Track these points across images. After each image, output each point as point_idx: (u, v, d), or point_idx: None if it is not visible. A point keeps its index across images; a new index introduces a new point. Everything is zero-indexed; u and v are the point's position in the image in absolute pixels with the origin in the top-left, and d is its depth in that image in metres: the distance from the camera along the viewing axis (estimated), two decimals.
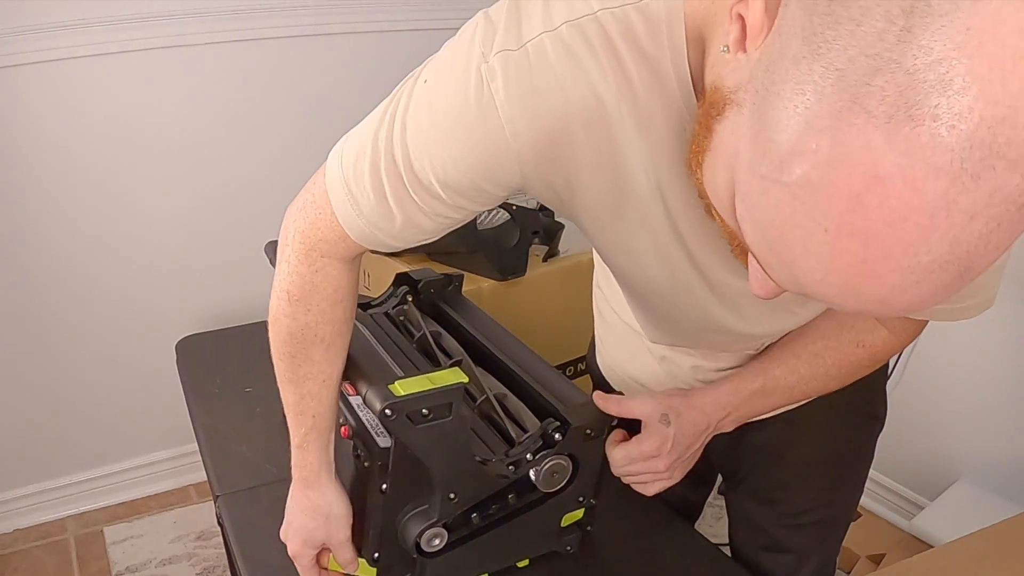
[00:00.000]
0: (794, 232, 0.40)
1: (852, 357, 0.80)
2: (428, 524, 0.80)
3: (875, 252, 0.38)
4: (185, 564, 1.87)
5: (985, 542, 1.10)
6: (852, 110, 0.36)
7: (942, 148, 0.34)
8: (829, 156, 0.37)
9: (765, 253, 0.44)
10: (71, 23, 1.66)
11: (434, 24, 2.04)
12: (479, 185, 0.62)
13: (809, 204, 0.38)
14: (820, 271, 0.40)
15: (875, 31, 0.35)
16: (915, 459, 1.88)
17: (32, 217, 1.77)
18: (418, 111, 0.61)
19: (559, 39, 0.55)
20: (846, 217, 0.37)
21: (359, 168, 0.65)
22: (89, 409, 1.98)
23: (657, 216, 0.64)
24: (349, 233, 0.69)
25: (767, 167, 0.40)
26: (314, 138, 2.00)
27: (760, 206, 0.42)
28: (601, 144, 0.59)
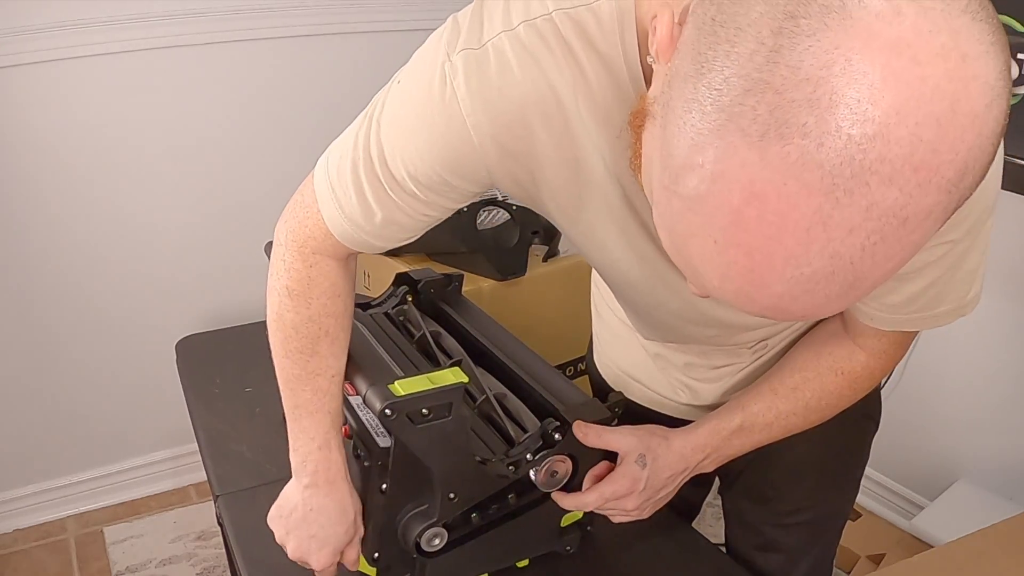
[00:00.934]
0: (692, 241, 0.42)
1: (831, 387, 0.80)
2: (428, 524, 0.80)
3: (759, 263, 0.39)
4: (185, 564, 1.87)
5: (985, 542, 1.10)
6: (728, 128, 0.37)
7: (813, 165, 0.35)
8: (712, 172, 0.38)
9: (676, 257, 0.45)
10: (71, 23, 1.66)
11: (434, 24, 2.02)
12: (447, 180, 0.64)
13: (700, 216, 0.40)
14: (716, 278, 0.42)
15: (747, 52, 0.36)
16: (915, 459, 1.88)
17: (31, 217, 1.77)
18: (391, 109, 0.64)
19: (516, 38, 0.57)
20: (730, 230, 0.39)
21: (341, 169, 0.68)
22: (89, 409, 1.98)
23: (619, 207, 0.66)
24: (333, 232, 0.72)
25: (668, 179, 0.42)
26: (313, 137, 2.00)
27: (666, 215, 0.43)
28: (560, 138, 0.61)
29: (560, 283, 1.93)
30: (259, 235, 1.30)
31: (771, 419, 0.81)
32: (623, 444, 0.82)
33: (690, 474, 0.84)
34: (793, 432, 0.83)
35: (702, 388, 0.92)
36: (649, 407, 0.98)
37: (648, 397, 0.98)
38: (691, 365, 0.91)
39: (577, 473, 0.85)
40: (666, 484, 0.83)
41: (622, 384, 1.01)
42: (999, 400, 1.72)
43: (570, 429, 0.82)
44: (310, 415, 0.80)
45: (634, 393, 0.99)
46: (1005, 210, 1.41)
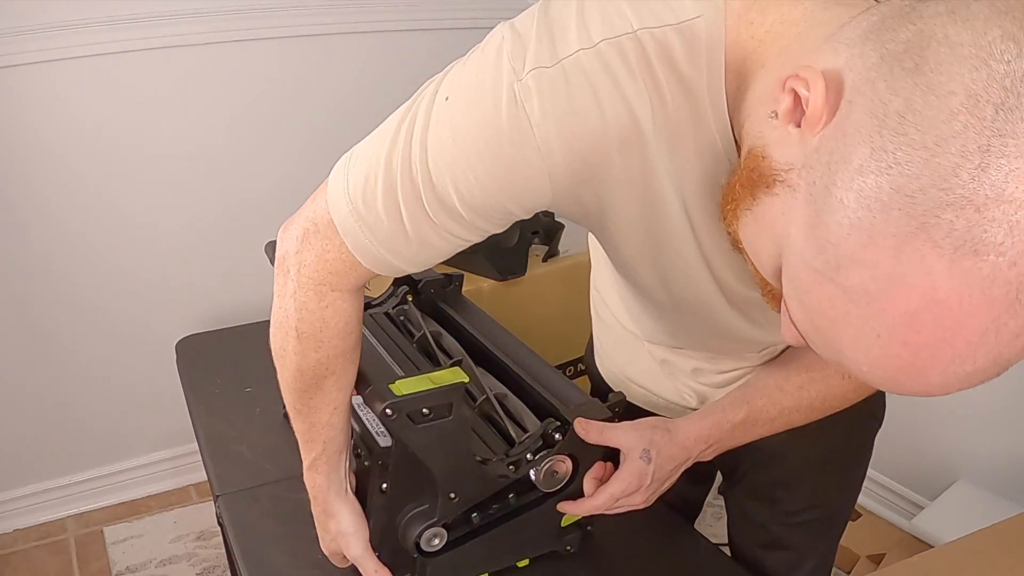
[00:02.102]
0: (845, 328, 0.42)
1: (836, 389, 0.80)
2: (428, 524, 0.80)
3: (923, 360, 0.40)
4: (185, 564, 1.87)
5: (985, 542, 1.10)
6: (919, 237, 0.37)
7: (1001, 281, 0.37)
8: (890, 273, 0.39)
9: (810, 332, 0.46)
10: (71, 23, 1.66)
11: (434, 24, 2.04)
12: (505, 206, 0.60)
13: (864, 309, 0.41)
14: (866, 364, 0.43)
15: (950, 165, 0.36)
16: (915, 459, 1.88)
17: (31, 217, 1.77)
18: (440, 130, 0.58)
19: (598, 57, 0.53)
20: (899, 329, 0.40)
21: (370, 191, 0.62)
22: (89, 409, 1.98)
23: (683, 232, 0.63)
24: (361, 260, 0.66)
25: (822, 264, 0.42)
26: (315, 137, 2.00)
27: (811, 296, 0.44)
28: (634, 163, 0.57)
29: (560, 283, 1.93)
30: (259, 235, 1.30)
31: (774, 415, 0.81)
32: (625, 440, 0.81)
33: (690, 464, 0.84)
34: (794, 426, 0.83)
35: (710, 393, 0.91)
36: (655, 412, 0.96)
37: (654, 403, 0.97)
38: (699, 370, 0.89)
39: (577, 473, 0.85)
40: (670, 475, 0.83)
41: (626, 390, 0.99)
42: (999, 400, 1.72)
43: (570, 429, 0.81)
44: (305, 441, 0.80)
45: (640, 399, 0.97)
46: None
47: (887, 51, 0.40)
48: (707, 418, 0.83)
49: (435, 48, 2.05)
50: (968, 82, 0.37)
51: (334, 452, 0.81)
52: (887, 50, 0.40)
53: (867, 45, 0.42)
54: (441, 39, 2.06)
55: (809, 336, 0.47)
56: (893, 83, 0.39)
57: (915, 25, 0.40)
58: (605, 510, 0.84)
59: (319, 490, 0.82)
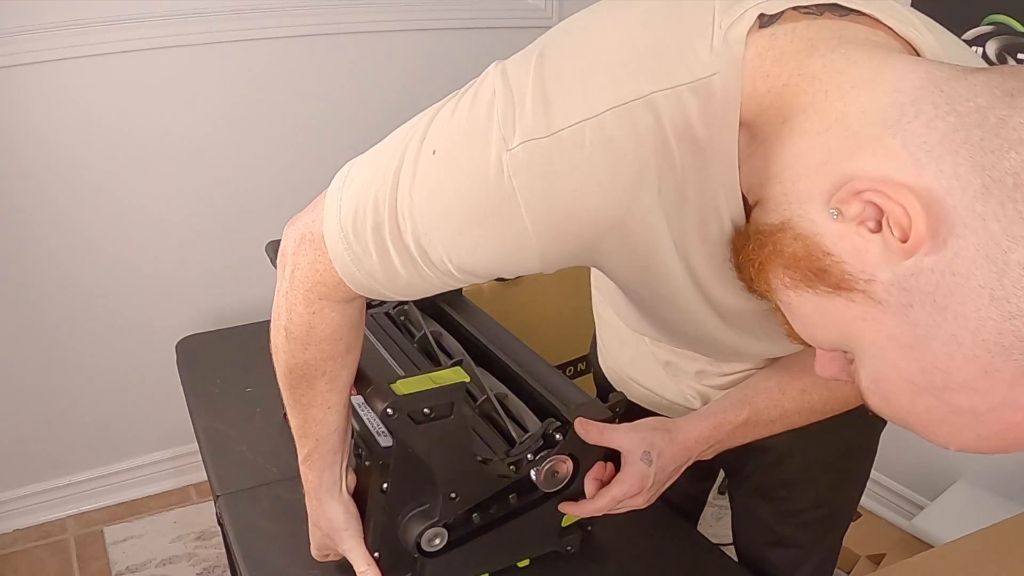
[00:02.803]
0: (941, 427, 0.46)
1: (839, 394, 0.80)
2: (429, 524, 0.80)
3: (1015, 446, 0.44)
4: (185, 564, 1.87)
5: (985, 542, 1.10)
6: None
7: None
8: (1003, 399, 0.42)
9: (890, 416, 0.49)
10: (71, 23, 1.66)
11: (434, 24, 2.04)
12: (493, 272, 0.58)
13: (968, 420, 0.44)
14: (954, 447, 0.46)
15: None
16: (915, 459, 1.88)
17: (31, 217, 1.77)
18: (426, 186, 0.54)
19: (600, 129, 0.48)
20: (1002, 432, 0.43)
21: (359, 225, 0.59)
22: (89, 409, 1.98)
23: (684, 285, 0.61)
24: (348, 284, 0.65)
25: (925, 382, 0.44)
26: (314, 138, 2.00)
27: (904, 400, 0.46)
28: (633, 239, 0.55)
29: (560, 283, 1.93)
30: (259, 235, 1.30)
31: (775, 416, 0.81)
32: (626, 442, 0.81)
33: (692, 462, 0.84)
34: (794, 427, 0.83)
35: (714, 395, 0.90)
36: (657, 412, 0.96)
37: (657, 403, 0.96)
38: (703, 373, 0.89)
39: (578, 473, 0.85)
40: (672, 475, 0.83)
41: (630, 390, 0.98)
42: None
43: (571, 429, 0.81)
44: (299, 436, 0.81)
45: (643, 400, 0.97)
46: None
47: (991, 180, 0.39)
48: (708, 419, 0.83)
49: (434, 48, 2.06)
50: None
51: (327, 451, 0.81)
52: (991, 179, 0.39)
53: (960, 164, 0.40)
54: (440, 39, 2.06)
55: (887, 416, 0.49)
56: (1009, 227, 0.39)
57: (1018, 154, 0.39)
58: (606, 512, 0.84)
59: (311, 485, 0.83)
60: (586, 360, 2.02)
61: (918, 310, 0.42)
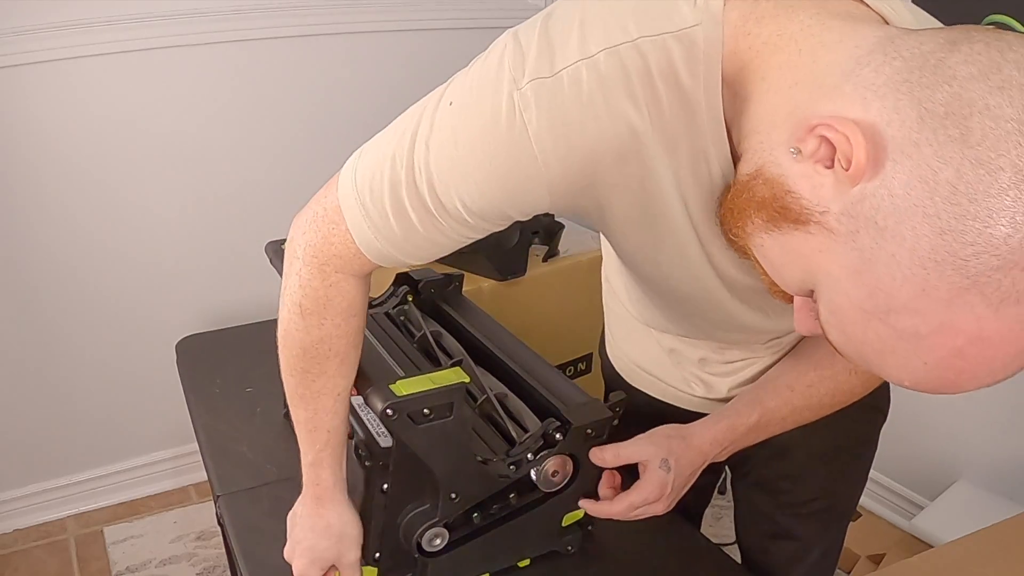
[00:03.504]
0: (891, 356, 0.47)
1: (845, 385, 0.82)
2: (429, 524, 0.80)
3: (964, 378, 0.46)
4: (185, 564, 1.87)
5: (985, 542, 1.09)
6: (970, 291, 0.42)
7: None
8: (941, 319, 0.44)
9: (849, 353, 0.51)
10: (71, 23, 1.66)
11: (434, 24, 2.04)
12: (505, 212, 0.61)
13: (912, 345, 0.46)
14: (908, 382, 0.48)
15: (1001, 235, 0.41)
16: (915, 459, 1.88)
17: (32, 217, 1.77)
18: (443, 135, 0.59)
19: (595, 68, 0.54)
20: (947, 359, 0.45)
21: (376, 188, 0.63)
22: (89, 409, 1.98)
23: (685, 230, 0.64)
24: (364, 252, 0.68)
25: (872, 307, 0.46)
26: (314, 138, 2.00)
27: (856, 329, 0.48)
28: (632, 170, 0.59)
29: (560, 283, 1.93)
30: (259, 235, 1.30)
31: (786, 414, 0.83)
32: (644, 454, 0.82)
33: (707, 464, 0.86)
34: (804, 423, 0.85)
35: (716, 382, 0.93)
36: (663, 400, 0.99)
37: (662, 390, 0.98)
38: (706, 360, 0.91)
39: (578, 473, 0.85)
40: (689, 480, 0.84)
41: (636, 377, 1.01)
42: (999, 400, 1.72)
43: (571, 429, 0.82)
44: (308, 432, 0.79)
45: (648, 386, 1.00)
46: None
47: (926, 111, 0.43)
48: (721, 422, 0.84)
49: (435, 48, 2.06)
50: (1014, 158, 0.40)
51: (337, 444, 0.80)
52: (926, 110, 0.43)
53: (901, 99, 0.44)
54: (441, 39, 2.06)
55: (846, 352, 0.51)
56: (940, 150, 0.42)
57: (951, 87, 0.42)
58: (624, 517, 0.84)
59: (323, 488, 0.81)
60: (586, 360, 2.03)
61: (863, 235, 0.45)
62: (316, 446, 0.80)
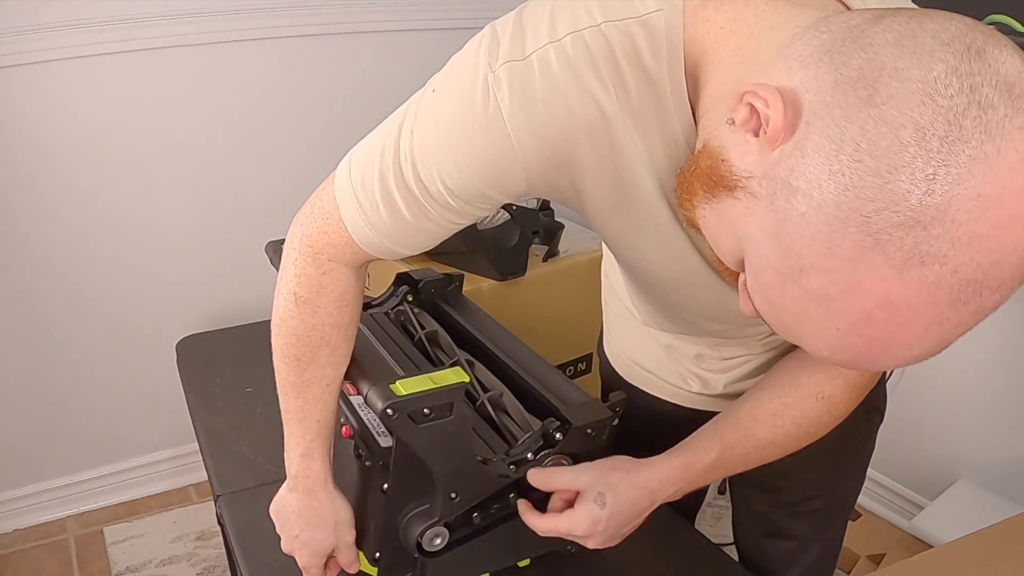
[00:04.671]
0: (807, 322, 0.48)
1: (811, 413, 0.79)
2: (429, 523, 0.80)
3: (877, 348, 0.46)
4: (185, 564, 1.87)
5: (985, 542, 1.10)
6: (874, 250, 0.43)
7: (945, 285, 0.42)
8: (848, 280, 0.44)
9: (772, 320, 0.51)
10: (71, 23, 1.66)
11: (434, 24, 2.05)
12: (484, 192, 0.63)
13: (824, 309, 0.46)
14: (825, 351, 0.49)
15: (901, 191, 0.41)
16: (915, 459, 1.88)
17: (32, 217, 1.77)
18: (425, 120, 0.63)
19: (562, 50, 0.56)
20: (856, 325, 0.45)
21: (368, 179, 0.67)
22: (89, 409, 1.98)
23: (661, 210, 0.65)
24: (357, 242, 0.70)
25: (786, 268, 0.47)
26: (314, 137, 2.01)
27: (775, 292, 0.49)
28: (603, 150, 0.61)
29: (560, 283, 1.93)
30: (259, 235, 1.30)
31: (748, 449, 0.79)
32: (579, 483, 0.79)
33: (656, 505, 0.81)
34: (768, 461, 0.81)
35: (712, 378, 0.93)
36: (659, 396, 0.99)
37: (659, 387, 0.99)
38: (702, 356, 0.91)
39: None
40: (629, 520, 0.80)
41: (632, 374, 1.01)
42: (999, 400, 1.72)
43: (571, 428, 0.82)
44: (298, 421, 0.80)
45: (644, 383, 1.00)
46: None
47: (841, 76, 0.44)
48: (676, 458, 0.80)
49: (435, 48, 2.05)
50: (916, 116, 0.41)
51: (327, 435, 0.81)
52: (841, 75, 0.44)
53: (821, 67, 0.45)
54: (441, 39, 2.06)
55: (770, 322, 0.52)
56: (848, 111, 0.43)
57: (866, 53, 0.44)
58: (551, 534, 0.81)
59: (315, 479, 0.82)
60: (586, 360, 2.03)
61: (779, 197, 0.46)
62: (307, 436, 0.80)
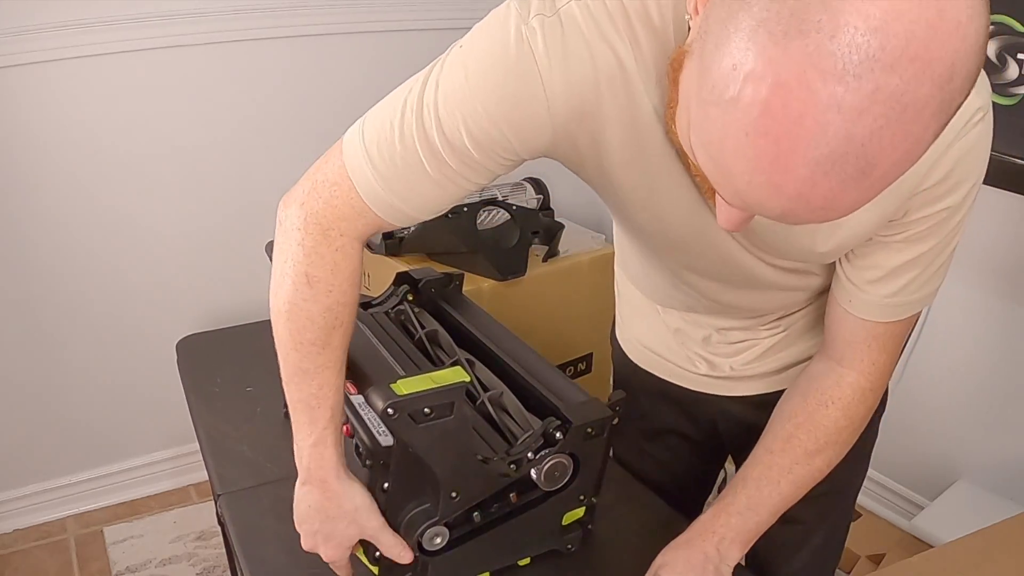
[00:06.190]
0: (726, 142, 0.48)
1: (825, 421, 0.81)
2: (430, 523, 0.80)
3: (784, 148, 0.45)
4: (185, 564, 1.87)
5: (985, 542, 1.10)
6: (759, 32, 0.44)
7: (827, 53, 0.43)
8: (745, 73, 0.45)
9: (712, 171, 0.51)
10: (71, 23, 1.66)
11: (434, 24, 2.05)
12: (509, 140, 0.65)
13: (734, 115, 0.47)
14: (747, 172, 0.48)
15: None
16: (915, 459, 1.88)
17: (31, 217, 1.77)
18: (452, 71, 0.66)
19: (585, 6, 0.62)
20: (759, 120, 0.45)
21: (385, 140, 0.68)
22: (90, 409, 1.98)
23: (673, 162, 0.68)
24: (371, 206, 0.71)
25: (707, 93, 0.48)
26: (314, 137, 2.00)
27: (704, 128, 0.50)
28: (622, 100, 0.64)
29: (560, 283, 1.93)
30: (259, 235, 1.30)
31: (775, 479, 0.82)
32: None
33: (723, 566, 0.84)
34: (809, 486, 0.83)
35: (719, 361, 0.97)
36: (668, 380, 1.03)
37: (667, 369, 1.03)
38: (709, 339, 0.95)
39: (578, 472, 0.85)
40: None
41: (642, 358, 1.06)
42: (999, 400, 1.72)
43: (571, 428, 0.82)
44: (311, 410, 0.78)
45: (654, 367, 1.05)
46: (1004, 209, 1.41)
47: None
48: (706, 512, 0.84)
49: (436, 48, 2.03)
50: None
51: (339, 422, 0.79)
52: None
53: None
54: (442, 39, 2.04)
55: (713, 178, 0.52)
56: None
57: None
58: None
59: (329, 468, 0.78)
60: (586, 360, 2.03)
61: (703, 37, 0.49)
62: (319, 424, 0.78)
